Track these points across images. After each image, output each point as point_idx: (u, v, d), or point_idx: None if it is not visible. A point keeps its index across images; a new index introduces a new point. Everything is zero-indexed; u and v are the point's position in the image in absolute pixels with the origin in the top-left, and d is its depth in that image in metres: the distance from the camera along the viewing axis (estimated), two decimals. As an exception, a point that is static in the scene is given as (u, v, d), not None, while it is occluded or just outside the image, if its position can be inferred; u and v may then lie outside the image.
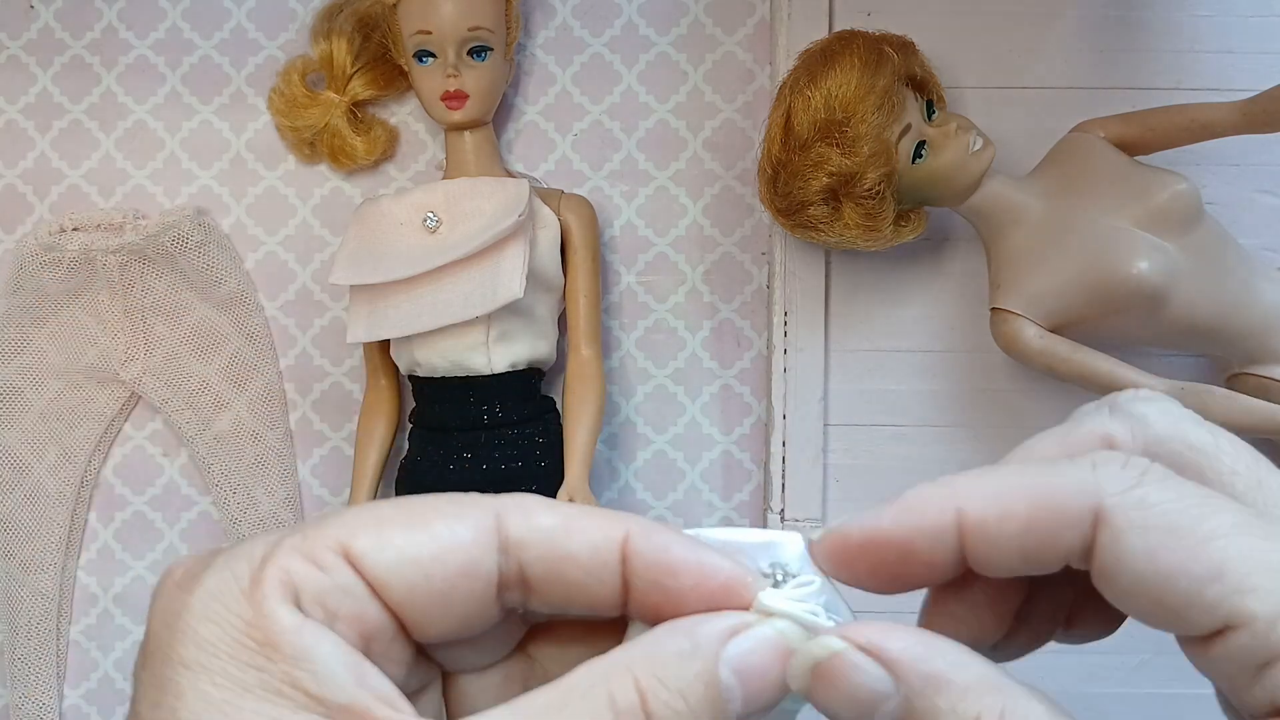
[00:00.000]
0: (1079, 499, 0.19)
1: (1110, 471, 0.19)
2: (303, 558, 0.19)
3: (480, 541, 0.20)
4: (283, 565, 0.19)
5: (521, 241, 0.51)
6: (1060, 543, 0.19)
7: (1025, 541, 0.19)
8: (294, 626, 0.18)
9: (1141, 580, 0.18)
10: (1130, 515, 0.18)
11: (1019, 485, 0.20)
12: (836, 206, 0.48)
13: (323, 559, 0.19)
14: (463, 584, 0.20)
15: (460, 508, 0.20)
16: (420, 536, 0.20)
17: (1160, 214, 0.47)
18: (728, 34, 0.58)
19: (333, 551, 0.19)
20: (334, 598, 0.19)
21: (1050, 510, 0.19)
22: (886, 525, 0.20)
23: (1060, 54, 0.55)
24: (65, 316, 0.58)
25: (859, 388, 0.56)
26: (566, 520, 0.21)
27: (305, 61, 0.57)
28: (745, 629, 0.20)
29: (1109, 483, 0.19)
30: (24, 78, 0.59)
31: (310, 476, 0.60)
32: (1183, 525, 0.18)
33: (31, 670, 0.58)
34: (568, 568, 0.20)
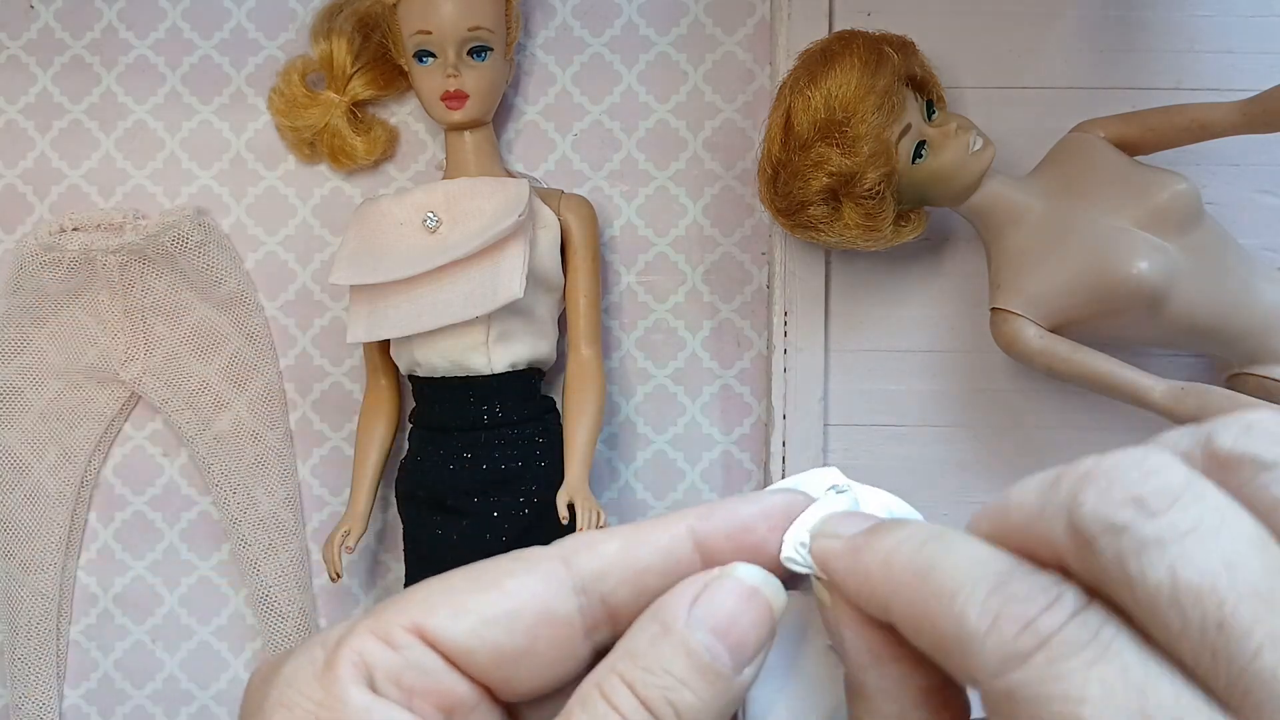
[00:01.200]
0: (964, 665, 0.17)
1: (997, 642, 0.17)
2: (375, 638, 0.19)
3: (553, 588, 0.20)
4: (355, 647, 0.19)
5: (521, 241, 0.51)
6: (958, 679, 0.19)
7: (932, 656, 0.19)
8: (364, 707, 0.18)
9: None
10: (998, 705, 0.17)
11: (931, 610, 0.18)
12: (836, 206, 0.48)
13: (395, 638, 0.19)
14: (545, 632, 0.20)
15: (527, 563, 0.20)
16: (493, 596, 0.20)
17: (1160, 214, 0.47)
18: (728, 34, 0.58)
19: (405, 629, 0.19)
20: (408, 675, 0.19)
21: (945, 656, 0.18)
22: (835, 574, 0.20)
23: (1060, 54, 0.55)
24: (65, 316, 0.58)
25: (859, 388, 0.56)
26: (629, 537, 0.21)
27: (305, 61, 0.57)
28: (706, 589, 0.20)
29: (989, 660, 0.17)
30: (24, 78, 0.59)
31: (310, 476, 0.60)
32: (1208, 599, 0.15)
33: (31, 670, 0.58)
34: (649, 579, 0.21)
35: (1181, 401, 0.48)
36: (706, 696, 0.19)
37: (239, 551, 0.58)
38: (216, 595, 0.60)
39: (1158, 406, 0.48)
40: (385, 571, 0.60)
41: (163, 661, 0.60)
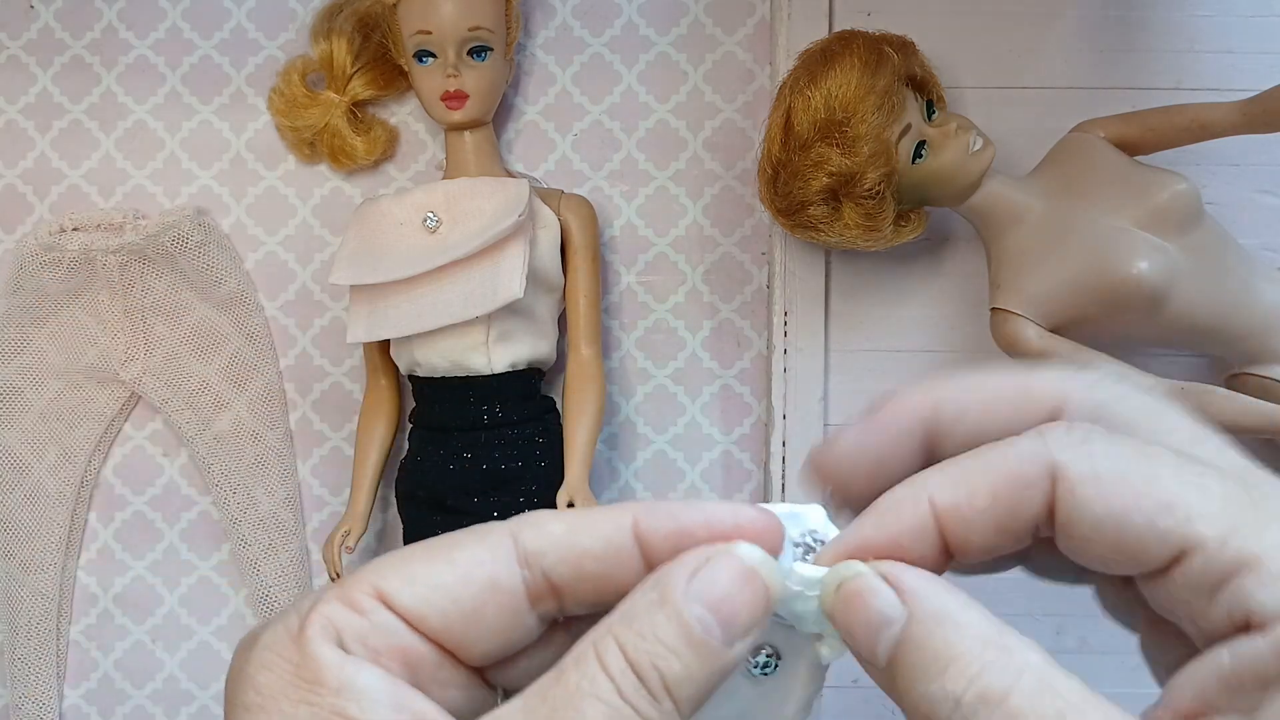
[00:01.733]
0: (1034, 464, 0.21)
1: (1058, 435, 0.21)
2: (341, 604, 0.21)
3: (499, 558, 0.22)
4: (323, 612, 0.21)
5: (521, 241, 0.51)
6: (1025, 508, 0.21)
7: (995, 515, 0.21)
8: (336, 663, 0.20)
9: (1099, 525, 0.20)
10: (1082, 468, 0.20)
11: (979, 466, 0.22)
12: (836, 206, 0.48)
13: (359, 603, 0.21)
14: (491, 600, 0.22)
15: (477, 535, 0.22)
16: (442, 566, 0.22)
17: (1160, 214, 0.47)
18: (728, 34, 0.58)
19: (367, 595, 0.21)
20: (373, 637, 0.21)
21: (1011, 480, 0.21)
22: (869, 534, 0.22)
23: (1060, 54, 0.55)
24: (65, 316, 0.58)
25: (859, 388, 0.56)
26: (575, 521, 0.22)
27: (305, 61, 0.57)
28: (706, 564, 0.21)
29: (1058, 445, 0.21)
30: (24, 78, 0.59)
31: (310, 476, 0.60)
32: (1130, 470, 0.20)
33: (31, 670, 0.58)
34: (587, 563, 0.22)
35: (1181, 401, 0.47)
36: (694, 667, 0.20)
37: (239, 551, 0.58)
38: (216, 595, 0.60)
39: (1158, 406, 0.48)
40: (385, 571, 0.60)
41: (163, 661, 0.60)
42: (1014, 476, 0.21)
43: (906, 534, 0.22)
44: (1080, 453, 0.20)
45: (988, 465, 0.21)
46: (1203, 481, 0.20)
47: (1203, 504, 0.20)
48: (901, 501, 0.22)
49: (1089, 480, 0.20)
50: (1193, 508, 0.20)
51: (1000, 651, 0.20)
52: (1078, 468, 0.20)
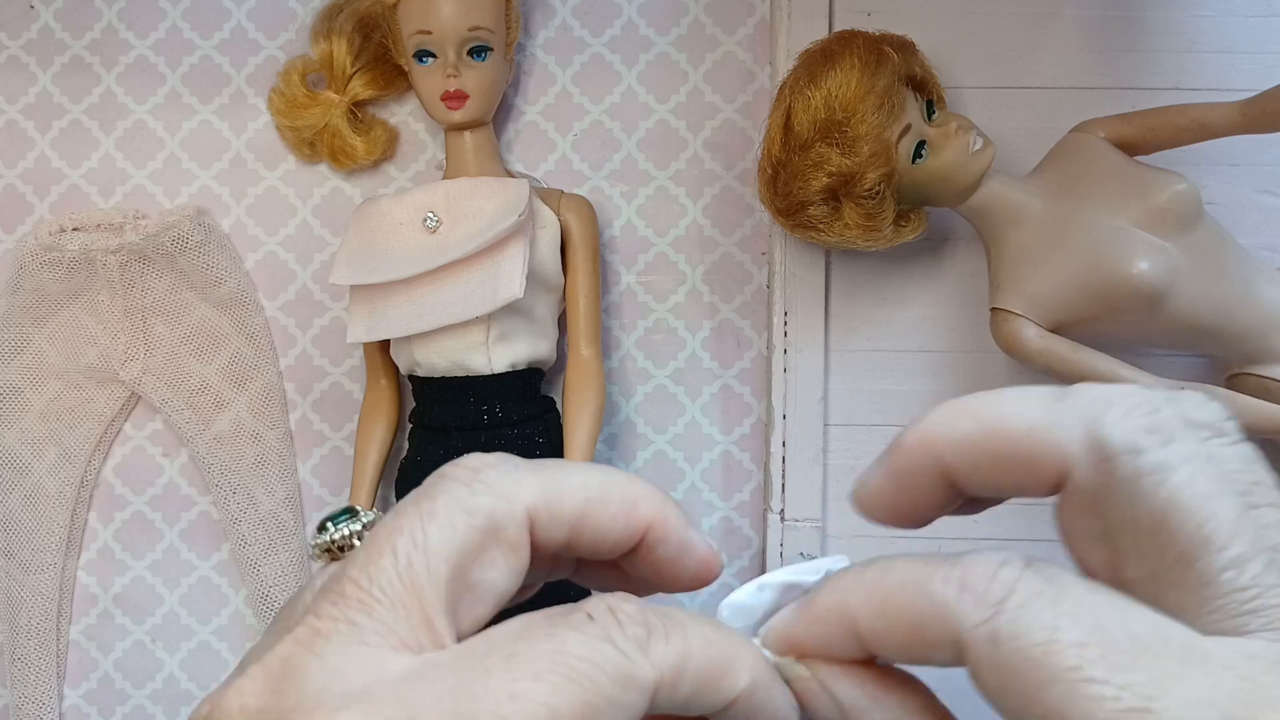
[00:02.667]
0: (943, 629, 0.20)
1: (971, 599, 0.20)
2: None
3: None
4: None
5: (521, 241, 0.51)
6: (939, 658, 0.20)
7: (911, 655, 0.21)
8: None
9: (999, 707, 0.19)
10: (982, 651, 0.19)
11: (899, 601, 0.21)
12: (836, 206, 0.48)
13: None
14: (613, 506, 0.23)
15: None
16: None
17: (1160, 214, 0.47)
18: (728, 34, 0.58)
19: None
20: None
21: (922, 634, 0.20)
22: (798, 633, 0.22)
23: (1060, 54, 0.55)
24: (65, 316, 0.58)
25: (859, 388, 0.56)
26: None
27: (305, 61, 0.57)
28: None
29: (968, 615, 0.20)
30: (24, 78, 0.59)
31: (310, 476, 0.60)
32: (1028, 668, 0.19)
33: (31, 670, 0.58)
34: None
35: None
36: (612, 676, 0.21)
37: (239, 551, 0.58)
38: (216, 595, 0.60)
39: (1158, 406, 0.48)
40: (385, 571, 0.60)
41: (163, 661, 0.60)
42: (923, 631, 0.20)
43: (835, 645, 0.22)
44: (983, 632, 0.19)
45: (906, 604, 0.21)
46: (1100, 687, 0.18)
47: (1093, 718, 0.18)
48: (826, 614, 0.22)
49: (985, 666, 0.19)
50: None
51: None
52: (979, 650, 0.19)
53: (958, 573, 0.20)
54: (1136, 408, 0.21)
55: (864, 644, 0.21)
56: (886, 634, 0.21)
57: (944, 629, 0.20)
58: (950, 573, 0.20)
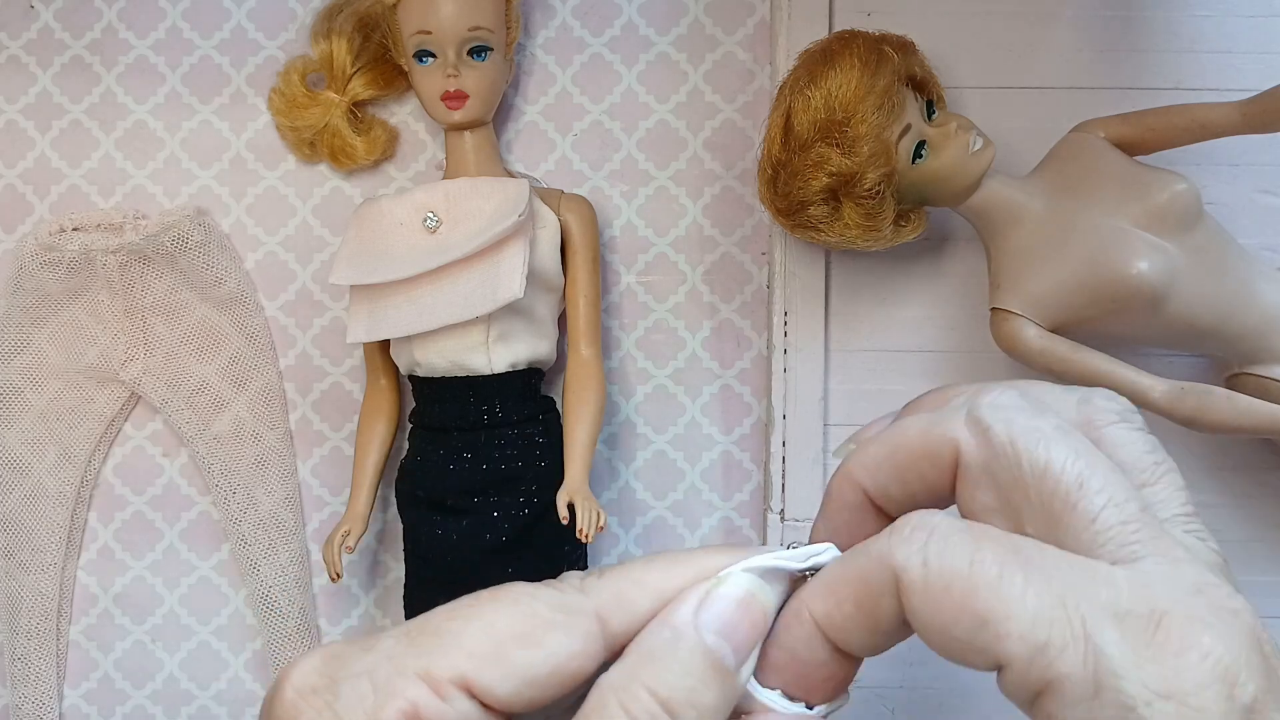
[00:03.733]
0: (881, 571, 0.22)
1: (899, 539, 0.22)
2: (427, 689, 0.21)
3: (589, 650, 0.22)
4: (408, 697, 0.21)
5: (521, 241, 0.51)
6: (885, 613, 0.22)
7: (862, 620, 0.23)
8: None
9: (929, 631, 0.21)
10: (914, 577, 0.21)
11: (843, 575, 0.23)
12: (836, 206, 0.48)
13: (444, 691, 0.21)
14: (573, 685, 0.22)
15: (566, 616, 0.22)
16: (536, 657, 0.22)
17: (1160, 214, 0.47)
18: (728, 34, 0.58)
19: (453, 683, 0.21)
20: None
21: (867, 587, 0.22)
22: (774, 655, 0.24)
23: (1060, 54, 0.55)
24: (65, 316, 0.58)
25: (859, 388, 0.56)
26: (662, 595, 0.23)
27: (305, 61, 0.57)
28: (708, 597, 0.23)
29: (899, 551, 0.22)
30: (24, 78, 0.59)
31: (310, 476, 0.60)
32: (955, 581, 0.21)
33: (31, 670, 0.58)
34: None
35: (1181, 401, 0.48)
36: (718, 693, 0.22)
37: (239, 551, 0.58)
38: (216, 595, 0.60)
39: (1157, 406, 0.48)
40: (385, 571, 0.60)
41: (163, 661, 0.60)
42: (868, 584, 0.22)
43: (800, 648, 0.23)
44: (915, 560, 0.22)
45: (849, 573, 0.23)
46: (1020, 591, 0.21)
47: (1016, 616, 0.20)
48: (789, 619, 0.24)
49: (919, 591, 0.21)
50: (1006, 622, 0.20)
51: None
52: (910, 575, 0.21)
53: (886, 531, 0.23)
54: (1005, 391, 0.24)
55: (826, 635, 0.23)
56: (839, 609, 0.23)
57: (883, 571, 0.22)
58: (882, 534, 0.23)
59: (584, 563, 0.56)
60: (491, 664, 0.21)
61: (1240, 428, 0.47)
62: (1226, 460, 0.55)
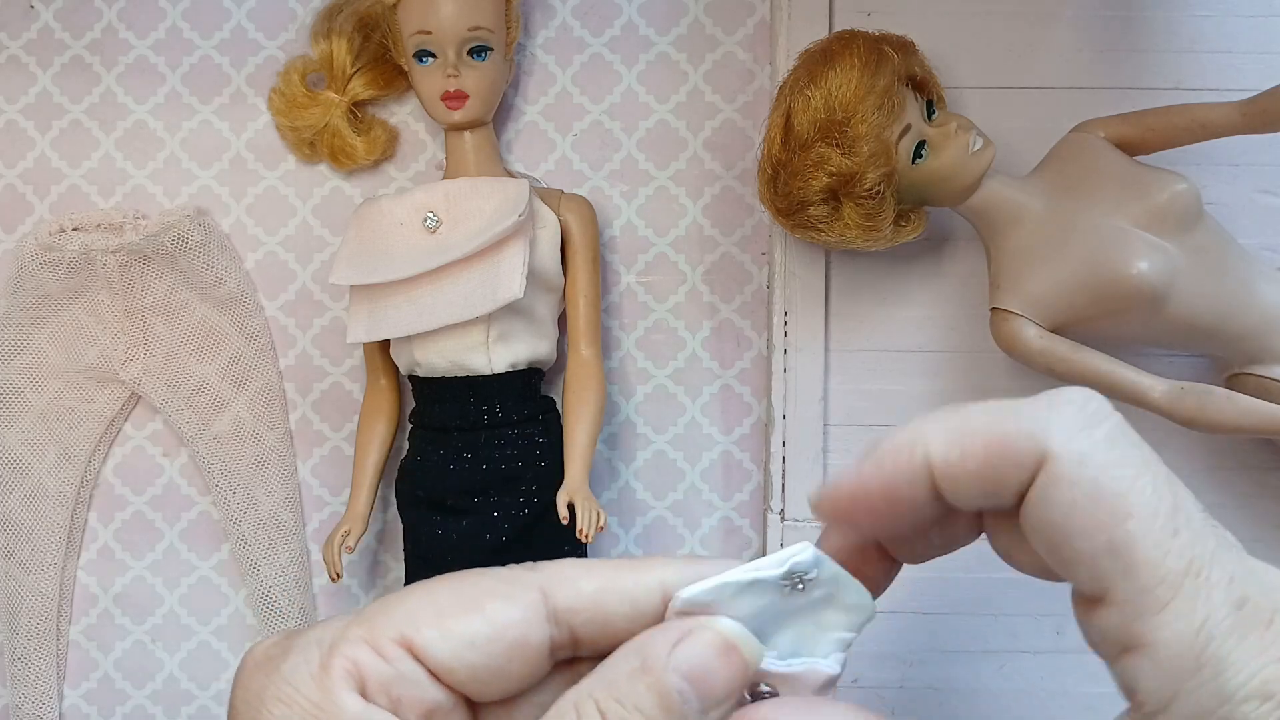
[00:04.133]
0: (1029, 443, 0.20)
1: (1063, 416, 0.21)
2: (369, 648, 0.21)
3: (530, 618, 0.22)
4: (349, 655, 0.21)
5: (521, 241, 0.51)
6: (1010, 483, 0.21)
7: (982, 481, 0.21)
8: (356, 711, 0.21)
9: (1050, 528, 0.20)
10: (1066, 468, 0.20)
11: (979, 429, 0.21)
12: (836, 206, 0.48)
13: (386, 650, 0.21)
14: (518, 655, 0.22)
15: (509, 587, 0.23)
16: (475, 620, 0.22)
17: (1160, 214, 0.47)
18: (728, 34, 0.58)
19: (395, 643, 0.21)
20: (396, 685, 0.21)
21: (1003, 453, 0.21)
22: (869, 474, 0.22)
23: (1060, 54, 0.55)
24: (65, 316, 0.58)
25: (859, 388, 0.56)
26: (606, 580, 0.23)
27: (305, 61, 0.57)
28: (689, 636, 0.22)
29: (1058, 430, 0.20)
30: (24, 78, 0.59)
31: (310, 476, 0.60)
32: (1105, 494, 0.20)
33: (31, 670, 0.58)
34: (614, 621, 0.23)
35: (1181, 401, 0.48)
36: None
37: (239, 551, 0.58)
38: (216, 595, 0.60)
39: (1157, 406, 0.48)
40: (385, 571, 0.60)
41: (163, 661, 0.60)
42: (1007, 451, 0.21)
43: (901, 480, 0.22)
44: (1072, 449, 0.20)
45: (988, 430, 0.21)
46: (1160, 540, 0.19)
47: (1152, 563, 0.19)
48: (900, 448, 0.22)
49: (1065, 484, 0.20)
50: (1138, 565, 0.19)
51: None
52: (1063, 466, 0.20)
53: (1044, 397, 0.21)
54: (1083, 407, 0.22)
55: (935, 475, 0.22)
56: (963, 460, 0.21)
57: (1030, 442, 0.20)
58: (1036, 399, 0.21)
59: (584, 563, 0.56)
60: (432, 626, 0.22)
61: (1240, 428, 0.47)
62: (1226, 460, 0.55)
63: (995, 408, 0.22)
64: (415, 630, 0.22)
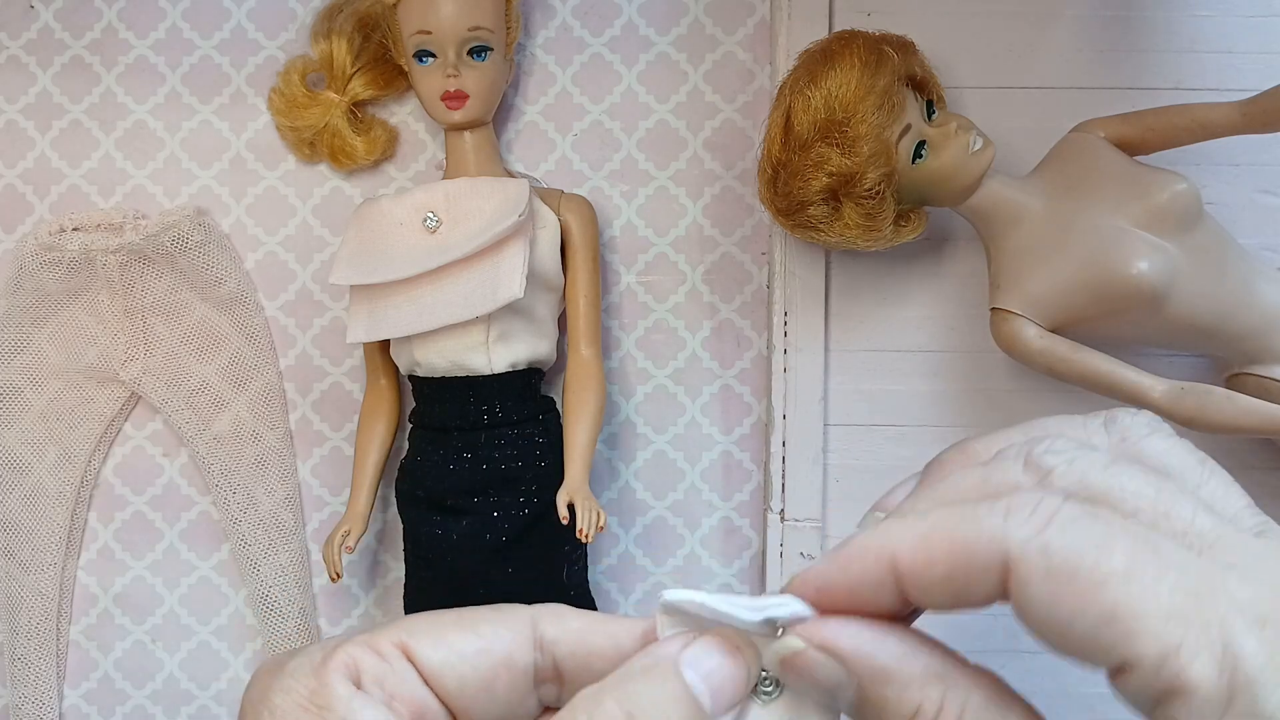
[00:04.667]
0: (990, 547, 0.21)
1: (1019, 520, 0.21)
2: (367, 648, 0.23)
3: (518, 640, 0.24)
4: (348, 651, 0.23)
5: (521, 241, 0.51)
6: (980, 587, 0.21)
7: (951, 587, 0.21)
8: (347, 695, 0.22)
9: (1047, 623, 0.20)
10: (1034, 563, 0.20)
11: (942, 533, 0.21)
12: (836, 206, 0.48)
13: (383, 650, 0.23)
14: (504, 673, 0.23)
15: (501, 613, 0.24)
16: (467, 634, 0.24)
17: (1160, 214, 0.47)
18: (728, 34, 0.58)
19: (392, 644, 0.23)
20: (390, 681, 0.23)
21: (967, 559, 0.21)
22: (833, 578, 0.23)
23: (1060, 54, 0.55)
24: (65, 316, 0.58)
25: (859, 388, 0.56)
26: (592, 620, 0.24)
27: (305, 61, 0.57)
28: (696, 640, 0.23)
29: (1016, 531, 0.20)
30: (24, 78, 0.59)
31: (310, 476, 0.60)
32: (1080, 570, 0.20)
33: (31, 670, 0.58)
34: (595, 660, 0.24)
35: (1181, 401, 0.48)
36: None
37: (239, 551, 0.58)
38: (216, 595, 0.60)
39: (1157, 406, 0.48)
40: (385, 571, 0.60)
41: (163, 661, 0.60)
42: (970, 557, 0.21)
43: (867, 586, 0.22)
44: (1035, 544, 0.20)
45: (950, 534, 0.21)
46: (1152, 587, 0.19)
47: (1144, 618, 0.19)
48: (865, 552, 0.22)
49: (1039, 578, 0.20)
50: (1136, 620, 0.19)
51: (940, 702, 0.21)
52: (1030, 563, 0.20)
53: (1001, 504, 0.21)
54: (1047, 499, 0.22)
55: (902, 581, 0.22)
56: (928, 568, 0.21)
57: (991, 549, 0.20)
58: (994, 505, 0.21)
59: (584, 562, 0.56)
60: (428, 637, 0.23)
61: (1240, 428, 0.47)
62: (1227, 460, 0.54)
63: (957, 515, 0.21)
64: (411, 636, 0.23)
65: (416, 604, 0.55)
